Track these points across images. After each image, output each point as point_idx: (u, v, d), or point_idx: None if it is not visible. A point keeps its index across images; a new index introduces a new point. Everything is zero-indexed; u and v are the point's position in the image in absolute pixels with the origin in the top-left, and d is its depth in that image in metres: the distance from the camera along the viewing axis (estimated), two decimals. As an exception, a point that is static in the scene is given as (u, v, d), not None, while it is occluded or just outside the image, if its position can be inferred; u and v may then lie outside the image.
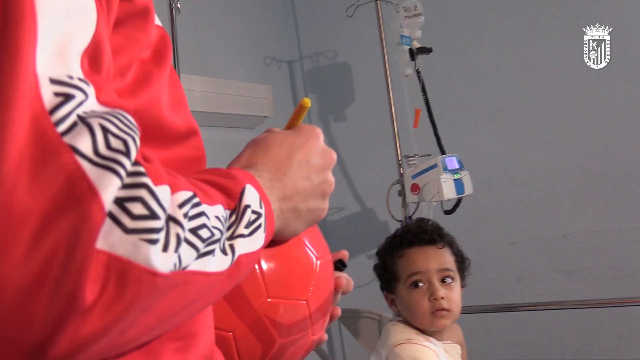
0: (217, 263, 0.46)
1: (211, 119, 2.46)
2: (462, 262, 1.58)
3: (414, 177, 2.10)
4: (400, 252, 1.53)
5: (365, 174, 2.76)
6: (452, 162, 2.09)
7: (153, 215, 0.38)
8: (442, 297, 1.46)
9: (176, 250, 0.40)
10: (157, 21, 0.61)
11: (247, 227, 0.51)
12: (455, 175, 2.07)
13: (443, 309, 1.46)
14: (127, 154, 0.37)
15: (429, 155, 2.18)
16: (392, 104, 2.27)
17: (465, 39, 2.59)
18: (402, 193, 2.18)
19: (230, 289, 0.53)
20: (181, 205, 0.42)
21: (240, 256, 0.50)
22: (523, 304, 2.35)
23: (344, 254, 0.84)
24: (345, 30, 2.82)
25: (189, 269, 0.42)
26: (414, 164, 2.17)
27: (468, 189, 2.12)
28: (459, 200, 2.21)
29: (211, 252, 0.45)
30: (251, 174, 0.59)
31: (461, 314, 2.44)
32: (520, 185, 2.49)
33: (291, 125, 0.70)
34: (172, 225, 0.40)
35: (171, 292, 0.41)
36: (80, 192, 0.35)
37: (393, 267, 1.53)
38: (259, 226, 0.53)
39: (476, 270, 2.57)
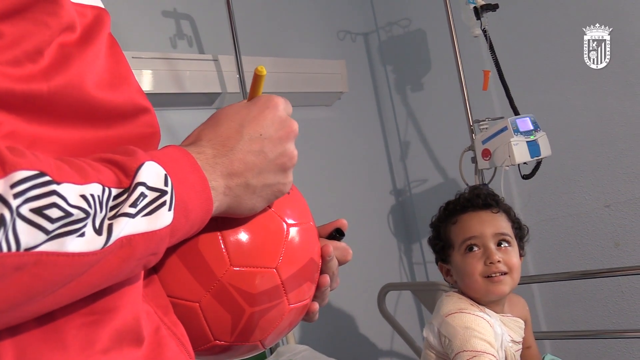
0: (86, 243, 0.45)
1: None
2: (519, 229, 1.49)
3: (484, 142, 2.01)
4: (453, 218, 1.47)
5: (445, 143, 2.68)
6: (525, 124, 1.97)
7: None
8: (498, 261, 1.38)
9: None
10: (94, 1, 0.62)
11: (135, 205, 0.49)
12: (529, 137, 1.96)
13: (501, 274, 1.38)
14: None
15: (502, 118, 2.07)
16: (460, 67, 2.18)
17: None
18: (475, 160, 2.09)
19: (132, 269, 0.52)
20: (15, 184, 0.41)
21: (129, 236, 0.48)
22: (621, 268, 2.18)
23: (342, 222, 0.81)
24: (417, -5, 2.74)
25: (39, 249, 0.42)
26: (485, 128, 2.07)
27: (545, 151, 1.99)
28: (538, 164, 2.09)
29: (73, 231, 0.44)
30: (186, 151, 0.58)
31: (554, 281, 2.34)
32: (612, 142, 2.30)
33: (252, 96, 0.68)
34: None
35: (16, 274, 0.41)
36: None
37: (447, 235, 1.48)
38: (161, 204, 0.51)
39: (570, 237, 2.44)
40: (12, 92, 0.49)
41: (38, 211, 0.42)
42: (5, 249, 0.40)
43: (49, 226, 0.42)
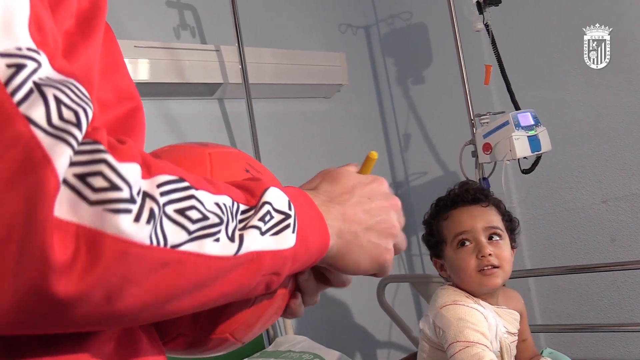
0: (221, 248, 0.47)
1: (285, 90, 2.49)
2: (510, 222, 1.50)
3: (485, 136, 2.02)
4: (445, 214, 1.50)
5: (445, 137, 2.69)
6: (526, 118, 1.99)
7: (114, 187, 0.40)
8: (489, 254, 1.40)
9: (149, 221, 0.42)
10: None
11: (263, 220, 0.52)
12: (530, 132, 1.97)
13: (492, 267, 1.40)
14: (77, 125, 0.40)
15: (503, 112, 2.09)
16: (461, 61, 2.19)
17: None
18: (475, 154, 2.10)
19: (256, 286, 0.53)
20: (160, 185, 0.44)
21: (259, 252, 0.51)
22: (617, 263, 2.20)
23: None
24: (419, -11, 2.74)
25: (182, 248, 0.44)
26: (487, 122, 2.09)
27: (545, 145, 2.01)
28: (537, 158, 2.10)
29: (210, 235, 0.47)
30: (304, 191, 0.61)
31: (551, 275, 2.36)
32: (610, 138, 2.32)
33: (361, 172, 0.74)
34: (147, 200, 0.43)
35: (164, 270, 0.44)
36: (36, 160, 0.38)
37: (439, 231, 1.50)
38: (286, 226, 0.54)
39: (566, 231, 2.46)
40: None
41: (181, 212, 0.45)
42: (155, 243, 0.42)
43: (190, 226, 0.45)
